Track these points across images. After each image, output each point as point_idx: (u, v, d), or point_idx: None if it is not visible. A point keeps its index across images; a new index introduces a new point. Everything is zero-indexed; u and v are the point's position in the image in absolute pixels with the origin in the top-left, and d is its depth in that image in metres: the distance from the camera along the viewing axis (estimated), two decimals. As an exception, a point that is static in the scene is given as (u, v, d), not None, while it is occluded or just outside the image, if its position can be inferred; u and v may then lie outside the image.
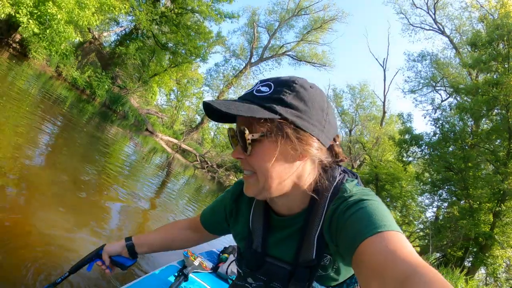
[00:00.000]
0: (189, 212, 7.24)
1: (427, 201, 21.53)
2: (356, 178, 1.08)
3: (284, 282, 1.03)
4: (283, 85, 0.90)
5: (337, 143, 1.01)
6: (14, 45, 14.84)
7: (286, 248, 1.04)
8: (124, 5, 16.84)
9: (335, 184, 0.98)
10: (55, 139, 5.80)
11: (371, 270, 0.68)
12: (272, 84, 0.91)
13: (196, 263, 2.77)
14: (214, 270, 2.97)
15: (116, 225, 3.79)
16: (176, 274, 2.44)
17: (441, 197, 18.16)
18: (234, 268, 2.98)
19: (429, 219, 21.47)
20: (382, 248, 0.70)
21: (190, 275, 2.61)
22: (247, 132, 0.88)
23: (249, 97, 0.91)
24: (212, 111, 0.93)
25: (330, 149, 1.00)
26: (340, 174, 1.03)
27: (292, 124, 0.87)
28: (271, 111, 0.86)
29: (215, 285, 2.72)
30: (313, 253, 0.96)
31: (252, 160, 0.92)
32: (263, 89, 0.91)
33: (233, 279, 2.42)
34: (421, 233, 20.76)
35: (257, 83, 0.95)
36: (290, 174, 0.93)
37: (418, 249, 19.74)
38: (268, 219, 1.10)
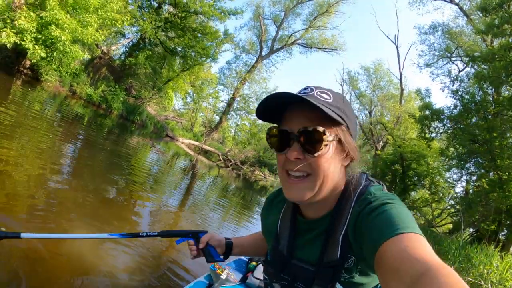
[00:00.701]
0: (219, 211, 7.33)
1: (455, 176, 20.97)
2: (382, 186, 1.10)
3: (307, 282, 1.04)
4: (339, 96, 0.99)
5: None
6: (25, 71, 15.22)
7: (311, 249, 1.07)
8: (126, 17, 17.03)
9: (361, 187, 1.02)
10: (78, 156, 5.94)
11: (390, 270, 0.70)
12: (330, 93, 0.98)
13: (224, 276, 2.76)
14: (243, 281, 2.96)
15: (148, 240, 3.83)
16: (203, 291, 2.45)
17: (468, 171, 17.68)
18: (260, 275, 2.97)
19: (458, 194, 21.02)
20: (401, 249, 0.72)
21: (219, 289, 2.61)
22: (327, 133, 0.91)
23: (314, 99, 0.91)
24: (264, 110, 0.98)
25: None
26: (365, 180, 1.07)
27: (348, 132, 0.98)
28: (340, 117, 0.93)
29: (243, 297, 2.71)
30: (337, 253, 0.98)
31: (315, 161, 0.94)
32: (324, 95, 0.96)
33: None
34: (452, 210, 20.33)
35: (309, 87, 0.99)
36: (337, 178, 1.00)
37: (451, 226, 19.39)
38: (295, 223, 1.14)
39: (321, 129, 0.91)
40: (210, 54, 24.05)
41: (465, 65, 21.36)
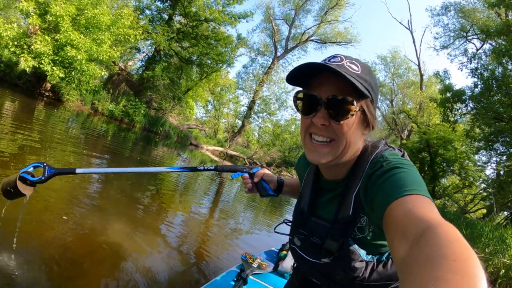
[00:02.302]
0: (249, 214, 7.37)
1: (484, 158, 20.44)
2: (403, 155, 1.12)
3: (322, 236, 1.12)
4: (366, 68, 1.02)
5: None
6: (46, 93, 15.76)
7: (329, 208, 1.15)
8: (138, 31, 17.37)
9: (376, 151, 1.07)
10: (104, 177, 6.06)
11: (395, 229, 0.74)
12: (358, 64, 1.00)
13: (255, 264, 2.82)
14: (275, 269, 3.02)
15: (180, 239, 3.94)
16: (235, 279, 2.51)
17: (498, 152, 17.22)
18: (291, 262, 3.01)
19: (489, 176, 20.41)
20: (407, 209, 0.75)
21: (250, 277, 2.67)
22: (355, 104, 0.96)
23: (344, 70, 0.94)
24: (297, 73, 1.00)
25: None
26: (383, 145, 1.12)
27: (372, 103, 1.02)
28: (367, 90, 0.96)
29: (276, 283, 2.76)
30: (350, 210, 1.04)
31: (340, 128, 0.99)
32: (353, 66, 0.98)
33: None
34: (485, 194, 19.74)
35: (338, 56, 1.01)
36: (356, 144, 1.06)
37: (485, 211, 18.82)
38: (317, 183, 1.23)
39: (349, 99, 0.95)
40: (225, 59, 24.13)
41: (482, 43, 20.77)
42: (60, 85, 15.35)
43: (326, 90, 0.97)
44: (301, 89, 1.06)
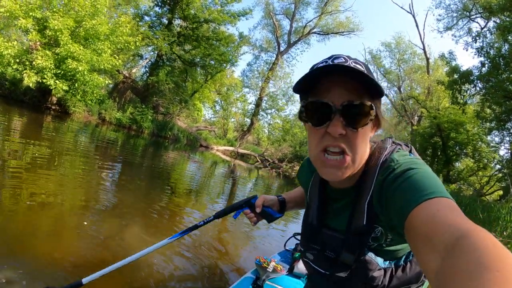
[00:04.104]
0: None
1: (497, 139, 20.10)
2: (410, 150, 1.08)
3: (337, 250, 1.05)
4: (367, 67, 0.92)
5: None
6: (53, 107, 15.97)
7: (340, 218, 1.07)
8: (138, 37, 17.49)
9: (385, 153, 0.99)
10: (119, 178, 6.12)
11: (422, 237, 0.68)
12: (362, 64, 0.91)
13: (270, 268, 2.75)
14: (290, 271, 2.95)
15: (194, 245, 3.90)
16: (251, 287, 2.45)
17: (510, 131, 16.94)
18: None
19: (504, 157, 20.06)
20: (432, 214, 0.69)
21: (267, 282, 2.60)
22: (374, 108, 0.88)
23: (350, 69, 0.85)
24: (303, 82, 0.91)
25: None
26: (391, 145, 1.05)
27: (379, 103, 0.93)
28: (379, 86, 0.87)
29: (292, 286, 2.69)
30: (363, 220, 0.97)
31: (356, 136, 0.90)
32: (359, 66, 0.88)
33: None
34: (500, 175, 19.40)
35: (342, 56, 0.90)
36: (367, 149, 0.99)
37: (501, 192, 18.51)
38: (324, 193, 1.14)
39: (368, 103, 0.87)
40: (228, 58, 24.17)
41: (486, 21, 20.38)
42: (65, 98, 15.53)
43: (338, 95, 0.88)
44: (306, 96, 0.96)
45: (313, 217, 1.14)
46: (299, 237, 1.16)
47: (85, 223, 3.57)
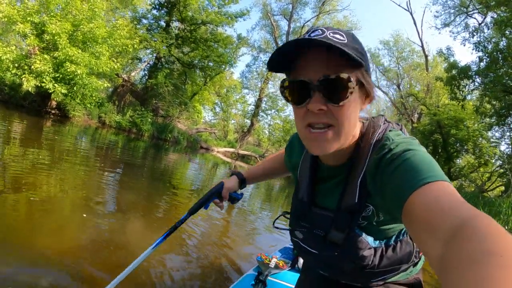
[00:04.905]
0: (266, 212, 7.38)
1: (497, 134, 20.09)
2: (401, 129, 1.08)
3: (326, 228, 1.04)
4: (351, 35, 0.88)
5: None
6: (52, 111, 15.98)
7: (331, 197, 1.05)
8: (135, 40, 17.58)
9: (379, 131, 0.97)
10: (120, 182, 6.10)
11: (422, 223, 0.66)
12: (343, 33, 0.86)
13: (272, 264, 2.75)
14: (292, 266, 2.93)
15: (196, 244, 3.90)
16: (254, 282, 2.43)
17: (511, 126, 16.92)
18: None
19: (505, 152, 20.00)
20: (433, 200, 0.68)
21: (269, 278, 2.59)
22: (352, 79, 0.84)
23: (327, 40, 0.80)
24: (275, 59, 0.88)
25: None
26: (384, 123, 1.02)
27: (366, 72, 0.89)
28: (360, 58, 0.82)
29: (295, 281, 2.67)
30: (355, 198, 0.95)
31: (340, 111, 0.86)
32: (338, 36, 0.84)
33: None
34: (501, 170, 19.36)
35: (319, 29, 0.86)
36: (357, 123, 0.95)
37: (503, 188, 18.50)
38: (315, 170, 1.11)
39: (345, 75, 0.82)
40: (227, 60, 24.15)
41: (483, 17, 20.41)
42: (65, 102, 15.55)
43: (315, 71, 0.84)
44: (285, 77, 0.94)
45: (304, 193, 1.12)
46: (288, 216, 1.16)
47: (84, 215, 3.62)
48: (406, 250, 1.07)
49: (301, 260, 2.93)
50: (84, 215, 3.59)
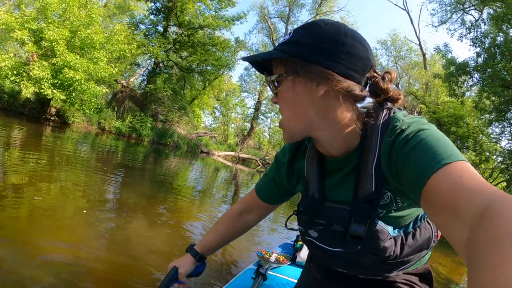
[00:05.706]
0: (268, 217, 7.33)
1: (497, 130, 20.06)
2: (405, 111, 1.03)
3: (344, 222, 0.99)
4: (301, 28, 0.92)
5: (386, 79, 0.93)
6: (52, 118, 16.04)
7: (344, 189, 1.01)
8: (133, 45, 17.64)
9: (382, 114, 0.93)
10: (121, 188, 6.08)
11: (446, 206, 0.64)
12: (297, 29, 0.92)
13: (272, 259, 2.73)
14: (292, 260, 2.93)
15: (196, 240, 3.88)
16: (254, 275, 2.42)
17: (511, 121, 16.91)
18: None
19: (505, 147, 19.99)
20: (452, 181, 0.66)
21: (269, 272, 2.58)
22: (281, 72, 0.91)
23: (263, 53, 0.93)
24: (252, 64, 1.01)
25: (374, 85, 0.93)
26: (386, 108, 0.97)
27: (301, 60, 0.87)
28: (283, 52, 0.88)
29: (296, 275, 2.66)
30: (372, 185, 0.91)
31: (279, 101, 0.95)
32: (286, 36, 0.92)
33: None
34: (503, 166, 19.33)
35: (291, 31, 0.95)
36: (311, 112, 0.90)
37: (504, 183, 18.47)
38: (322, 164, 1.07)
39: (267, 75, 0.96)
40: (225, 63, 24.24)
41: (480, 13, 20.49)
42: (64, 108, 15.62)
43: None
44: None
45: (314, 190, 1.07)
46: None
47: (84, 211, 3.65)
48: (426, 236, 1.05)
49: (301, 255, 2.92)
50: (84, 211, 3.62)
